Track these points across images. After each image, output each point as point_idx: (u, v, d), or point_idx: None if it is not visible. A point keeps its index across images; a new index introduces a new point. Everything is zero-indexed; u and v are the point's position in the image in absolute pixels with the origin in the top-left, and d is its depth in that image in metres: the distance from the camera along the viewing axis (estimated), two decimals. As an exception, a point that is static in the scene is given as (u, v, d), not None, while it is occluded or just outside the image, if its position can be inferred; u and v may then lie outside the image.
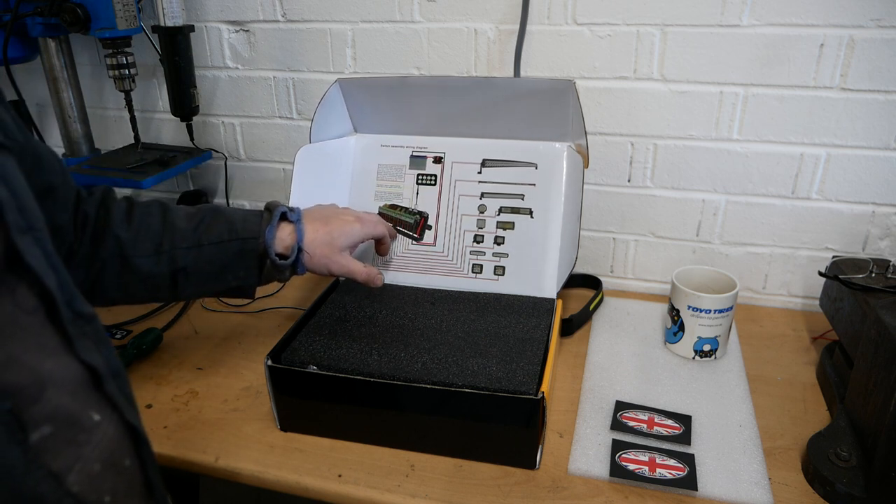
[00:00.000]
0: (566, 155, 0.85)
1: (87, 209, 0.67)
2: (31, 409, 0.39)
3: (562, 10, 0.90)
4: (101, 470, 0.42)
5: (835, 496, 0.61)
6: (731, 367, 0.82)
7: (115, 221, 0.67)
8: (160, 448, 0.70)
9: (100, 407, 0.44)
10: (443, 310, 0.80)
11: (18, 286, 0.41)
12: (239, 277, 0.70)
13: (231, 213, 0.71)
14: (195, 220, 0.70)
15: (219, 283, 0.70)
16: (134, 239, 0.67)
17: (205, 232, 0.69)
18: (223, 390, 0.80)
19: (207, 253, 0.68)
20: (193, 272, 0.68)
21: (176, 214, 0.70)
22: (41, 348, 0.42)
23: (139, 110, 1.12)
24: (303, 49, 1.03)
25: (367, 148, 0.93)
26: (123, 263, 0.67)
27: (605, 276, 1.03)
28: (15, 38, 0.97)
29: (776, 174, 0.91)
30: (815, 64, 0.84)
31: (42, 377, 0.41)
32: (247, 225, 0.70)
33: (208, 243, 0.68)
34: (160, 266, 0.67)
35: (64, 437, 0.41)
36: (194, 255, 0.68)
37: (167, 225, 0.69)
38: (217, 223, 0.70)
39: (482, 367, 0.69)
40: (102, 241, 0.66)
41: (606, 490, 0.64)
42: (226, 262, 0.69)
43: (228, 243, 0.69)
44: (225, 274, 0.69)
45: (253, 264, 0.70)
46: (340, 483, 0.66)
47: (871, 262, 0.76)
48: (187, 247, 0.68)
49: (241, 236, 0.69)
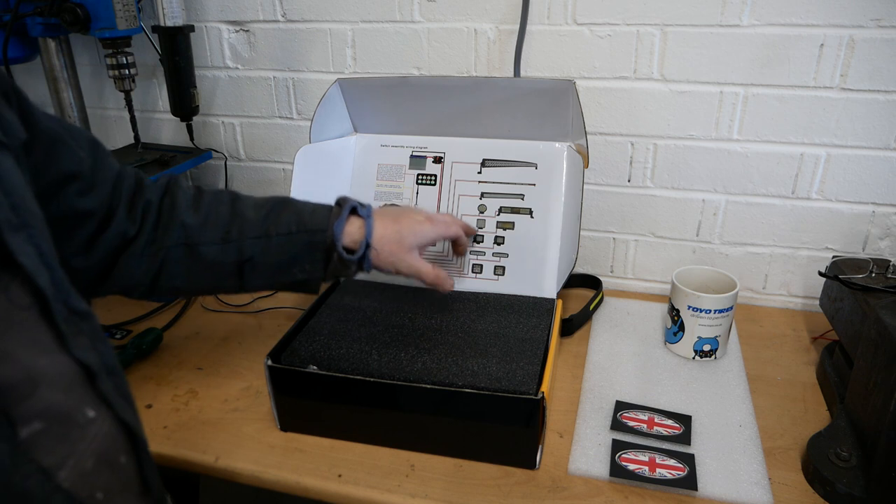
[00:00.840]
0: (566, 155, 0.85)
1: (149, 196, 0.66)
2: (21, 406, 0.39)
3: (562, 10, 0.90)
4: (94, 466, 0.42)
5: (835, 496, 0.61)
6: (731, 367, 0.82)
7: (181, 208, 0.66)
8: (160, 448, 0.70)
9: (95, 404, 0.44)
10: (443, 310, 0.80)
11: (12, 283, 0.41)
12: (305, 271, 0.68)
13: (300, 206, 0.69)
14: (264, 210, 0.68)
15: (285, 275, 0.68)
16: (201, 226, 0.66)
17: (273, 223, 0.67)
18: (223, 390, 0.80)
19: (275, 244, 0.66)
20: (260, 263, 0.67)
21: (245, 203, 0.69)
22: (35, 344, 0.42)
23: (139, 110, 1.12)
24: (303, 49, 1.03)
25: (366, 148, 0.93)
26: (189, 251, 0.65)
27: (605, 276, 1.03)
28: (15, 38, 0.97)
29: (776, 174, 0.91)
30: (815, 64, 0.84)
31: (35, 374, 0.41)
32: (315, 217, 0.68)
33: (276, 234, 0.66)
34: (227, 255, 0.66)
35: (56, 434, 0.41)
36: (262, 245, 0.66)
37: (236, 213, 0.67)
38: (286, 214, 0.68)
39: (482, 367, 0.69)
40: (168, 228, 0.65)
41: (606, 490, 0.64)
42: (293, 255, 0.67)
43: (296, 235, 0.67)
44: (291, 266, 0.67)
45: (319, 258, 0.67)
46: (340, 483, 0.66)
47: (871, 262, 0.76)
48: (255, 236, 0.66)
49: (308, 228, 0.67)
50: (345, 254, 0.67)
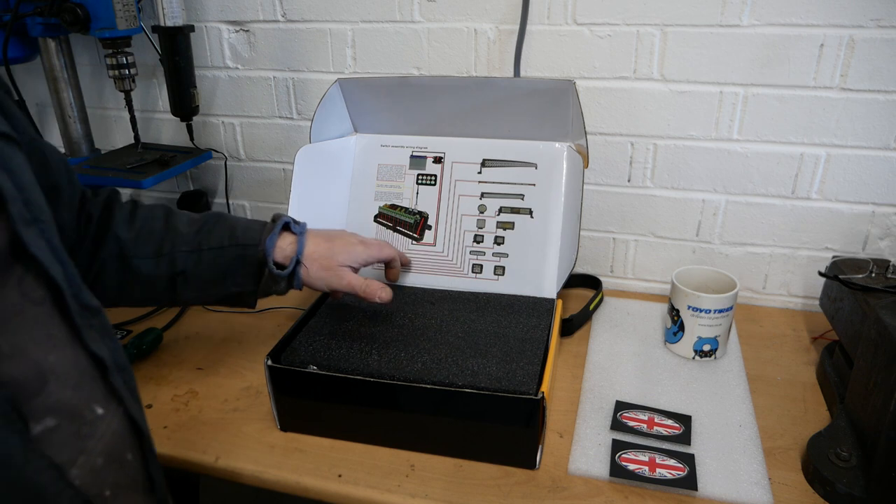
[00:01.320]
0: (566, 155, 0.85)
1: (91, 209, 0.67)
2: (32, 402, 0.40)
3: (562, 10, 0.89)
4: (103, 464, 0.43)
5: (835, 496, 0.61)
6: (731, 367, 0.82)
7: (117, 222, 0.67)
8: (160, 448, 0.70)
9: (105, 400, 0.44)
10: (443, 310, 0.80)
11: (26, 276, 0.41)
12: (237, 284, 0.70)
13: (234, 220, 0.72)
14: (197, 225, 0.70)
15: (218, 288, 0.70)
16: (135, 240, 0.67)
17: (206, 237, 0.69)
18: (223, 390, 0.80)
19: (207, 258, 0.68)
20: (192, 276, 0.68)
21: (179, 219, 0.70)
22: (48, 339, 0.42)
23: (139, 110, 1.12)
24: (303, 49, 1.03)
25: (367, 148, 0.93)
26: (123, 264, 0.67)
27: (605, 276, 1.03)
28: (15, 38, 0.97)
29: (776, 174, 0.91)
30: (815, 64, 0.84)
31: (44, 370, 0.41)
32: (248, 232, 0.70)
33: (208, 248, 0.68)
34: (159, 268, 0.68)
35: (68, 430, 0.41)
36: (194, 259, 0.68)
37: (169, 228, 0.69)
38: (219, 229, 0.70)
39: (482, 367, 0.68)
40: (103, 242, 0.66)
41: (606, 490, 0.64)
42: (224, 269, 0.69)
43: (228, 249, 0.69)
44: (224, 280, 0.69)
45: (251, 272, 0.69)
46: (340, 483, 0.66)
47: (871, 262, 0.76)
48: (187, 250, 0.68)
49: (240, 242, 0.69)
50: (275, 269, 0.69)
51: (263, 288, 0.71)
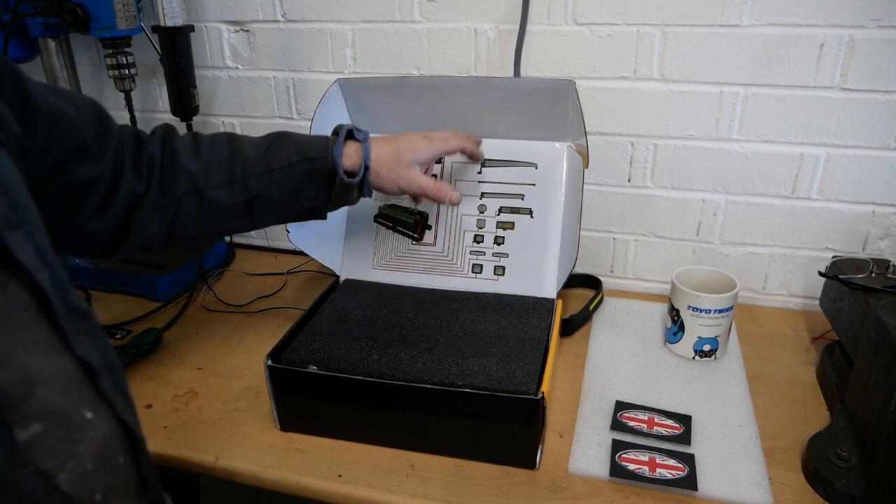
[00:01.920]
0: (566, 155, 0.85)
1: (152, 150, 0.66)
2: (18, 408, 0.39)
3: (562, 10, 0.90)
4: (93, 468, 0.42)
5: (835, 496, 0.61)
6: (731, 367, 0.82)
7: (182, 157, 0.67)
8: (160, 448, 0.70)
9: (93, 404, 0.44)
10: (443, 310, 0.80)
11: (10, 282, 0.41)
12: (310, 198, 0.70)
13: (298, 137, 0.71)
14: (263, 147, 0.70)
15: (292, 206, 0.70)
16: (206, 171, 0.67)
17: (274, 157, 0.69)
18: (223, 390, 0.80)
19: (278, 177, 0.68)
20: (267, 198, 0.69)
21: (243, 143, 0.70)
22: (32, 345, 0.41)
23: (139, 110, 1.12)
24: (303, 49, 1.03)
25: (367, 148, 0.93)
26: (198, 197, 0.67)
27: (605, 276, 1.03)
28: (15, 38, 0.97)
29: (776, 174, 0.91)
30: (815, 64, 0.84)
31: (30, 376, 0.40)
32: (315, 146, 0.70)
33: (278, 168, 0.68)
34: (234, 196, 0.68)
35: (56, 436, 0.40)
36: (266, 180, 0.68)
37: (236, 154, 0.69)
38: (285, 148, 0.69)
39: (482, 367, 0.68)
40: (174, 179, 0.66)
41: (606, 490, 0.64)
42: (297, 185, 0.69)
43: (297, 165, 0.68)
44: (297, 197, 0.70)
45: (322, 185, 0.70)
46: (340, 483, 0.66)
47: (871, 262, 0.76)
48: (259, 173, 0.68)
49: (308, 157, 0.69)
50: (346, 177, 0.69)
51: (336, 199, 0.71)
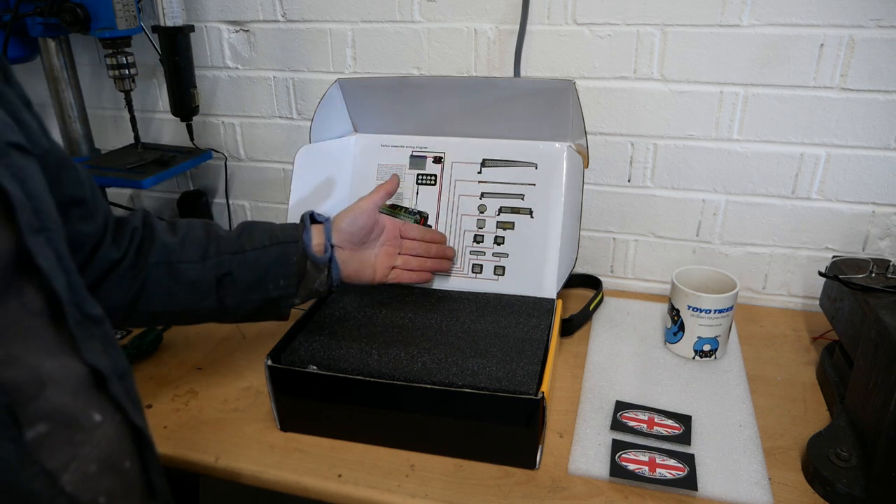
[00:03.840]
0: (566, 155, 0.85)
1: (133, 222, 0.68)
2: (27, 407, 0.39)
3: (562, 10, 0.89)
4: (97, 471, 0.43)
5: (835, 496, 0.61)
6: (731, 367, 0.82)
7: (160, 232, 0.69)
8: (160, 448, 0.69)
9: (102, 408, 0.44)
10: (443, 310, 0.80)
11: (26, 287, 0.42)
12: (279, 287, 0.71)
13: (270, 224, 0.74)
14: (237, 230, 0.73)
15: (260, 290, 0.71)
16: (180, 245, 0.69)
17: (247, 238, 0.71)
18: (223, 390, 0.80)
19: (251, 258, 0.70)
20: (238, 277, 0.69)
21: (218, 227, 0.73)
22: (43, 349, 0.42)
23: (139, 110, 1.12)
24: (303, 49, 1.03)
25: (367, 148, 0.93)
26: (170, 269, 0.67)
27: (605, 276, 1.03)
28: (15, 38, 0.97)
29: (776, 174, 0.91)
30: (815, 64, 0.84)
31: (41, 376, 0.41)
32: (285, 231, 0.72)
33: (251, 248, 0.70)
34: (206, 271, 0.69)
35: (61, 437, 0.41)
36: (239, 260, 0.69)
37: (211, 234, 0.71)
38: (258, 231, 0.72)
39: (482, 367, 0.68)
40: (149, 249, 0.67)
41: (606, 490, 0.64)
42: (268, 267, 0.70)
43: (270, 248, 0.71)
44: (267, 282, 0.70)
45: (292, 271, 0.71)
46: (340, 483, 0.66)
47: (871, 262, 0.76)
48: (232, 252, 0.70)
49: (281, 240, 0.71)
50: (316, 256, 0.71)
51: (306, 286, 0.72)
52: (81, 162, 1.06)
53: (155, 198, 1.24)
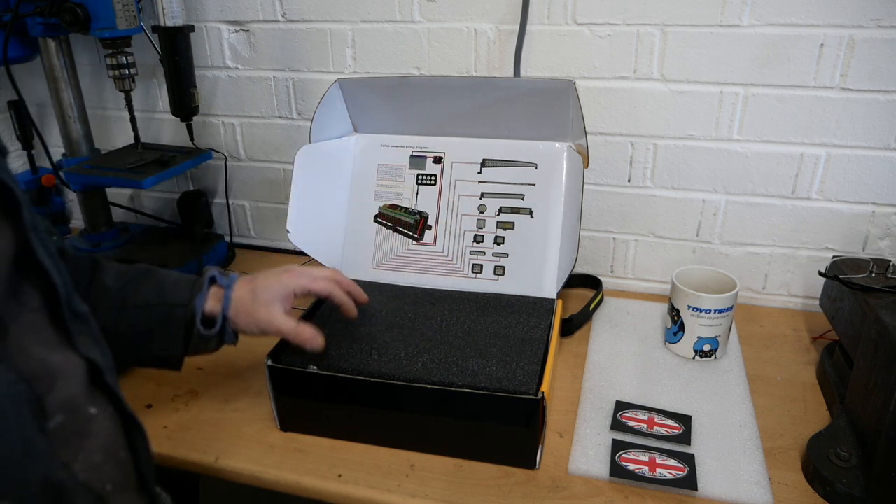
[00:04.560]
0: (566, 155, 0.85)
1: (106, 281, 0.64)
2: (47, 398, 0.40)
3: (562, 10, 0.89)
4: (102, 460, 0.43)
5: (835, 496, 0.61)
6: (731, 367, 0.82)
7: None
8: (160, 448, 0.70)
9: (97, 400, 0.45)
10: (443, 310, 0.80)
11: (25, 283, 0.42)
12: (163, 347, 0.64)
13: (163, 277, 0.67)
14: (124, 279, 0.65)
15: (140, 350, 0.65)
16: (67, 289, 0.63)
17: (131, 293, 0.64)
18: (223, 390, 0.80)
19: (130, 316, 0.63)
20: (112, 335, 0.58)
21: (106, 272, 0.65)
22: (45, 344, 0.43)
23: (139, 110, 1.12)
24: (303, 49, 1.03)
25: (367, 148, 0.93)
26: None
27: (605, 276, 1.03)
28: (15, 38, 0.97)
29: (776, 174, 0.91)
30: (815, 64, 0.84)
31: (52, 368, 0.42)
32: (177, 290, 0.65)
33: (133, 306, 0.63)
34: None
35: (72, 428, 0.42)
36: (115, 317, 0.63)
37: (94, 282, 0.64)
38: (147, 286, 0.65)
39: (482, 368, 0.68)
40: None
41: (606, 490, 0.64)
42: (149, 328, 0.64)
43: (155, 308, 0.64)
44: (148, 341, 0.64)
45: (179, 334, 0.64)
46: (340, 483, 0.66)
47: (871, 262, 0.76)
48: (109, 307, 0.63)
49: (168, 301, 0.64)
50: (202, 329, 0.64)
51: (193, 349, 0.66)
52: (81, 162, 1.05)
53: (155, 198, 1.24)
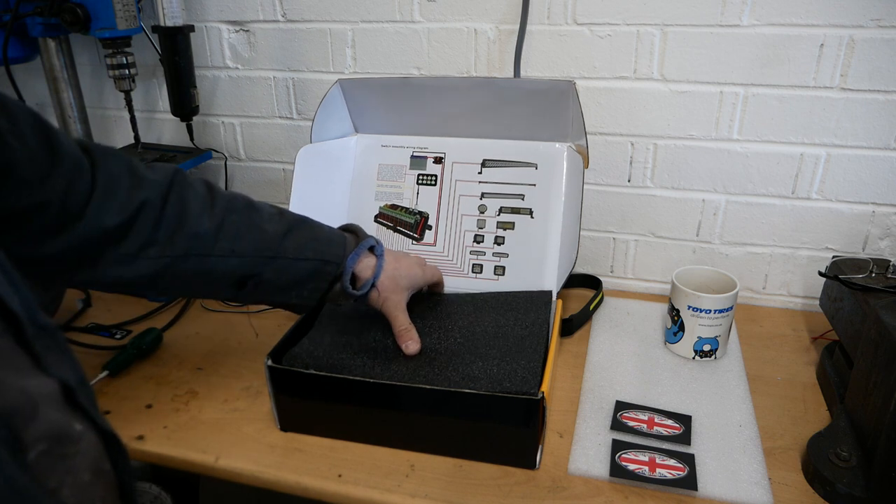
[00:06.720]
0: (566, 155, 0.85)
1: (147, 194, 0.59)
2: (28, 429, 0.38)
3: (562, 10, 0.90)
4: (90, 479, 0.42)
5: (835, 496, 0.61)
6: (731, 367, 0.82)
7: (192, 214, 0.61)
8: (160, 448, 0.70)
9: (79, 417, 0.43)
10: (442, 313, 0.80)
11: None
12: (303, 296, 0.67)
13: (317, 229, 0.69)
14: (282, 227, 0.66)
15: (283, 295, 0.67)
16: (215, 235, 0.62)
17: (291, 244, 0.65)
18: (223, 390, 0.80)
19: (285, 265, 0.65)
20: (266, 280, 0.65)
21: (261, 214, 0.66)
22: (16, 370, 0.40)
23: (139, 110, 1.12)
24: (303, 49, 1.03)
25: (367, 148, 0.93)
26: (199, 261, 0.62)
27: (605, 276, 1.03)
28: (15, 38, 0.97)
29: (776, 174, 0.91)
30: (815, 64, 0.84)
31: (33, 396, 0.40)
32: (331, 247, 0.67)
33: (292, 257, 0.65)
34: (235, 268, 0.63)
35: (56, 453, 0.40)
36: (272, 265, 0.65)
37: (253, 222, 0.64)
38: (303, 238, 0.66)
39: (482, 368, 0.68)
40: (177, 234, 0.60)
41: (606, 490, 0.64)
42: (299, 278, 0.66)
43: (310, 261, 0.66)
44: (291, 289, 0.67)
45: (323, 287, 0.67)
46: (340, 483, 0.66)
47: (871, 262, 0.76)
48: (268, 255, 0.64)
49: (324, 258, 0.66)
50: (350, 288, 0.68)
51: (329, 299, 0.69)
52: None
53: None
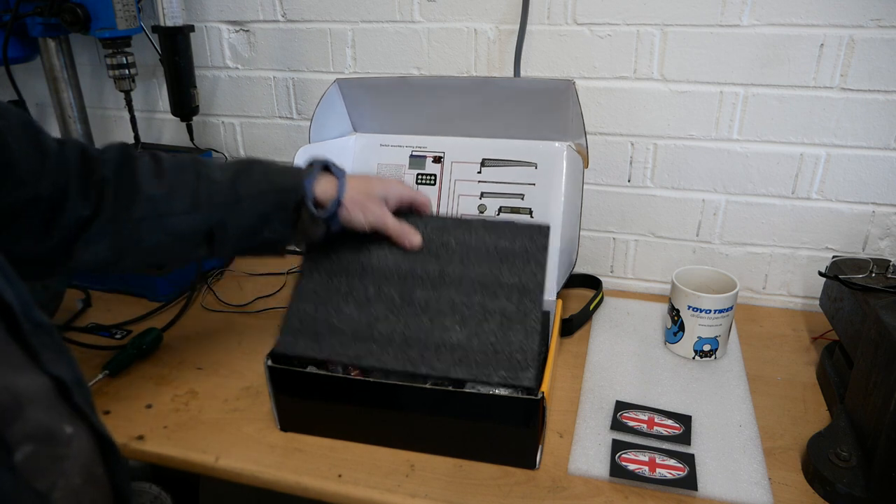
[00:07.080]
0: (566, 155, 0.85)
1: (104, 172, 0.62)
2: (12, 429, 0.38)
3: (562, 10, 0.90)
4: (81, 483, 0.42)
5: (835, 496, 0.61)
6: (731, 367, 0.82)
7: (143, 179, 0.63)
8: (160, 448, 0.70)
9: (71, 419, 0.43)
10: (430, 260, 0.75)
11: None
12: (274, 230, 0.66)
13: (268, 165, 0.68)
14: (231, 172, 0.66)
15: (255, 237, 0.67)
16: (168, 195, 0.63)
17: (242, 184, 0.65)
18: (223, 390, 0.80)
19: (245, 206, 0.65)
20: (231, 227, 0.65)
21: (209, 167, 0.67)
22: (9, 365, 0.41)
23: (139, 110, 1.12)
24: (303, 49, 1.03)
25: (366, 148, 0.93)
26: (158, 224, 0.63)
27: (605, 276, 1.03)
28: (15, 38, 0.97)
29: (776, 174, 0.91)
30: (815, 64, 0.84)
31: (18, 394, 0.39)
32: (285, 176, 0.67)
33: (246, 196, 0.65)
34: (197, 223, 0.64)
35: (46, 455, 0.40)
36: (231, 208, 0.65)
37: (201, 178, 0.65)
38: (254, 175, 0.66)
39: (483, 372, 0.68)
40: (132, 202, 0.62)
41: (606, 490, 0.64)
42: (263, 215, 0.66)
43: (267, 195, 0.65)
44: (262, 228, 0.66)
45: (288, 217, 0.66)
46: (340, 483, 0.66)
47: (871, 262, 0.76)
48: (224, 201, 0.64)
49: (279, 187, 0.66)
50: (315, 210, 0.66)
51: (301, 232, 0.68)
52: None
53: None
